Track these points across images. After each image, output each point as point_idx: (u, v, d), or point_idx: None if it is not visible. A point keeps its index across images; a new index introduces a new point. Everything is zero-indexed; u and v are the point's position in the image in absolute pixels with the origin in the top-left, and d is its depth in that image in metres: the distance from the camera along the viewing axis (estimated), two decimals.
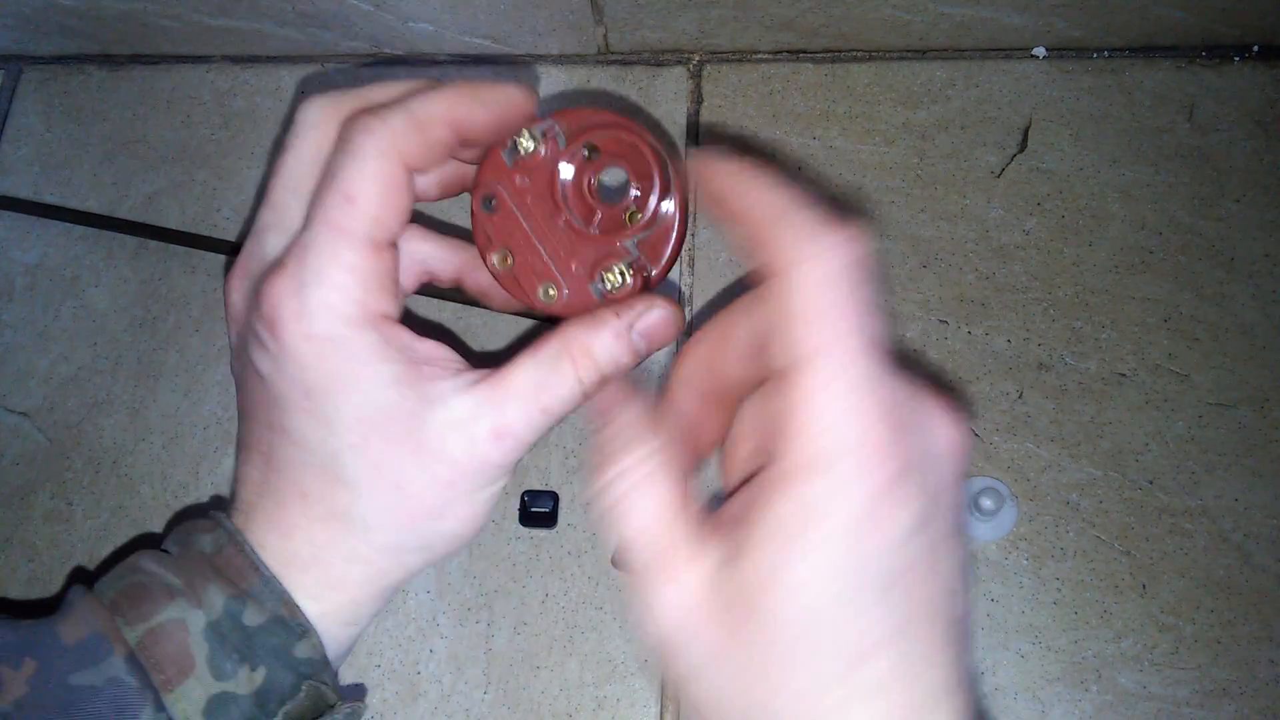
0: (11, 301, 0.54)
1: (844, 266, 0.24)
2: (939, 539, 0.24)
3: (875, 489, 0.23)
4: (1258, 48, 0.53)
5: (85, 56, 0.60)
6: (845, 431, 0.23)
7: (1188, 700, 0.43)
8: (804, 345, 0.24)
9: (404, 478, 0.30)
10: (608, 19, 0.54)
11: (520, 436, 0.30)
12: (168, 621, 0.29)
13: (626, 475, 0.27)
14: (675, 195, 0.31)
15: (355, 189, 0.29)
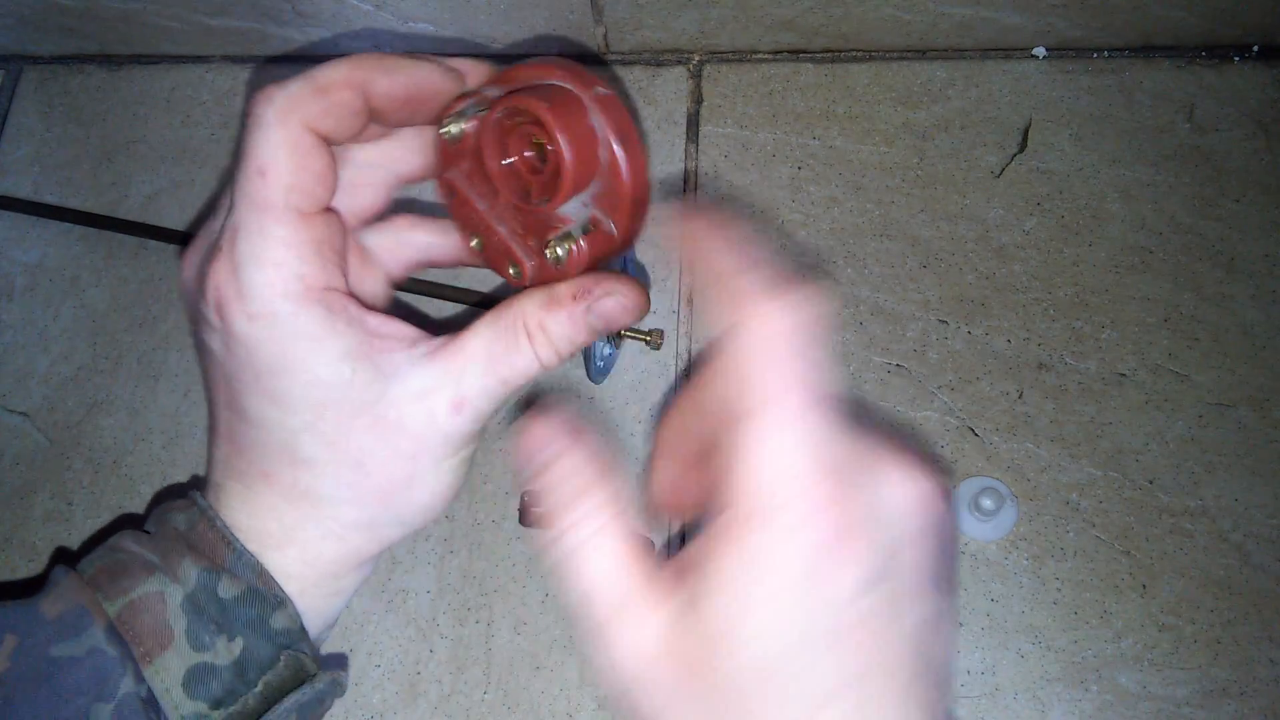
0: (11, 301, 0.54)
1: (792, 326, 0.25)
2: (898, 594, 0.24)
3: (818, 544, 0.23)
4: (1258, 48, 0.53)
5: (85, 56, 0.60)
6: (785, 485, 0.23)
7: (1188, 700, 0.43)
8: (749, 399, 0.24)
9: (364, 454, 0.30)
10: (608, 19, 0.54)
11: (479, 407, 0.30)
12: (146, 595, 0.29)
13: (581, 526, 0.27)
14: (611, 139, 0.28)
15: (264, 160, 0.29)
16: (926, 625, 0.24)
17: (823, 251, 0.51)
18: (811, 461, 0.23)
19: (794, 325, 0.25)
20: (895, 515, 0.24)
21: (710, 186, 0.53)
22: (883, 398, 0.48)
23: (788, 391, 0.24)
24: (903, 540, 0.24)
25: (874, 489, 0.24)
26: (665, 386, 0.49)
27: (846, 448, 0.24)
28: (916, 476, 0.25)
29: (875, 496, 0.24)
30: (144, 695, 0.28)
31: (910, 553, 0.24)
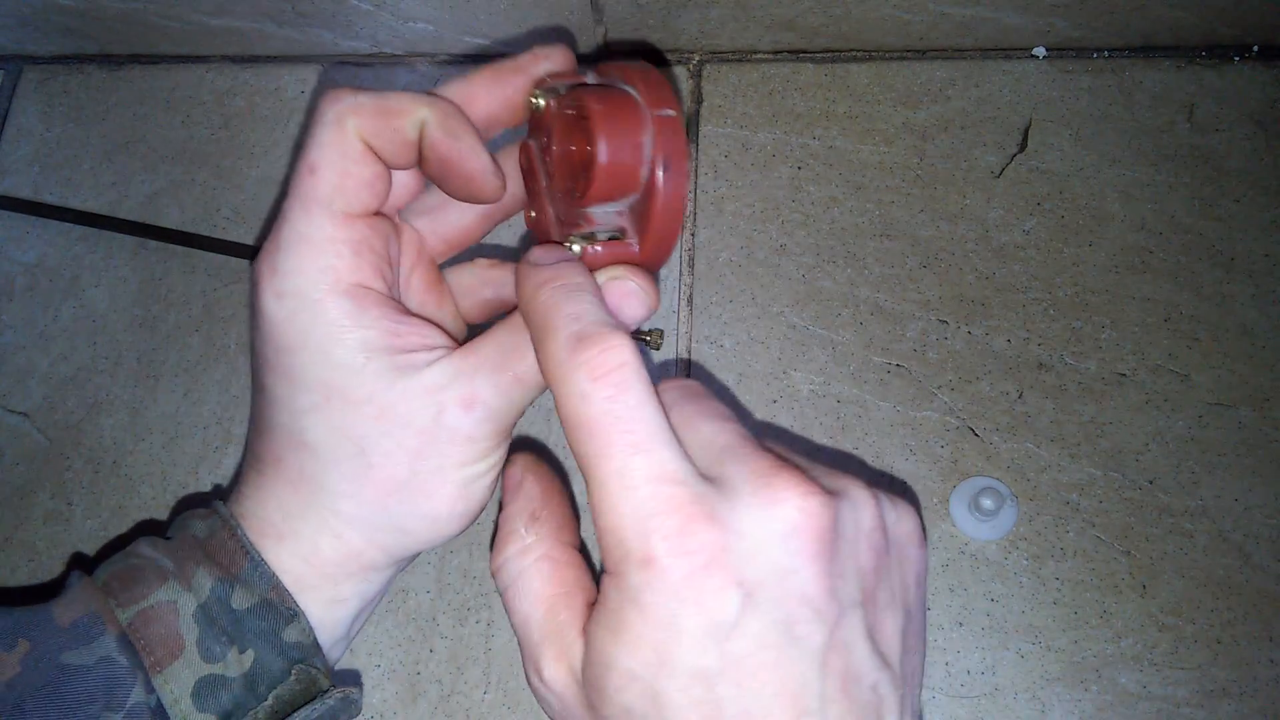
0: (11, 301, 0.54)
1: (618, 373, 0.25)
2: (790, 620, 0.23)
3: (670, 589, 0.23)
4: (1258, 48, 0.53)
5: (85, 56, 0.60)
6: (629, 537, 0.24)
7: (1188, 700, 0.43)
8: (581, 460, 0.25)
9: (367, 443, 0.29)
10: (608, 19, 0.54)
11: (492, 405, 0.29)
12: (159, 603, 0.29)
13: (515, 561, 0.28)
14: (656, 160, 0.28)
15: (316, 159, 0.29)
16: (839, 643, 0.24)
17: (823, 251, 0.51)
18: (649, 505, 0.24)
19: (620, 373, 0.25)
20: (768, 541, 0.24)
21: (710, 186, 0.53)
22: (883, 398, 0.48)
23: (619, 443, 0.24)
24: (778, 570, 0.24)
25: (738, 519, 0.24)
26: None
27: (691, 483, 0.24)
28: (792, 496, 0.24)
29: (740, 526, 0.24)
30: (153, 705, 0.28)
31: (802, 574, 0.24)
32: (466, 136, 0.30)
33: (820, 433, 0.48)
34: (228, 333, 0.52)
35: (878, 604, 0.26)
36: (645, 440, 0.24)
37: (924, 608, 0.28)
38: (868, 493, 0.26)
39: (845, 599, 0.24)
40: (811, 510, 0.24)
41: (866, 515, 0.26)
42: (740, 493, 0.24)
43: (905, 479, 0.47)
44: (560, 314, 0.26)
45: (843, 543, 0.25)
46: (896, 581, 0.26)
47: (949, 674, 0.44)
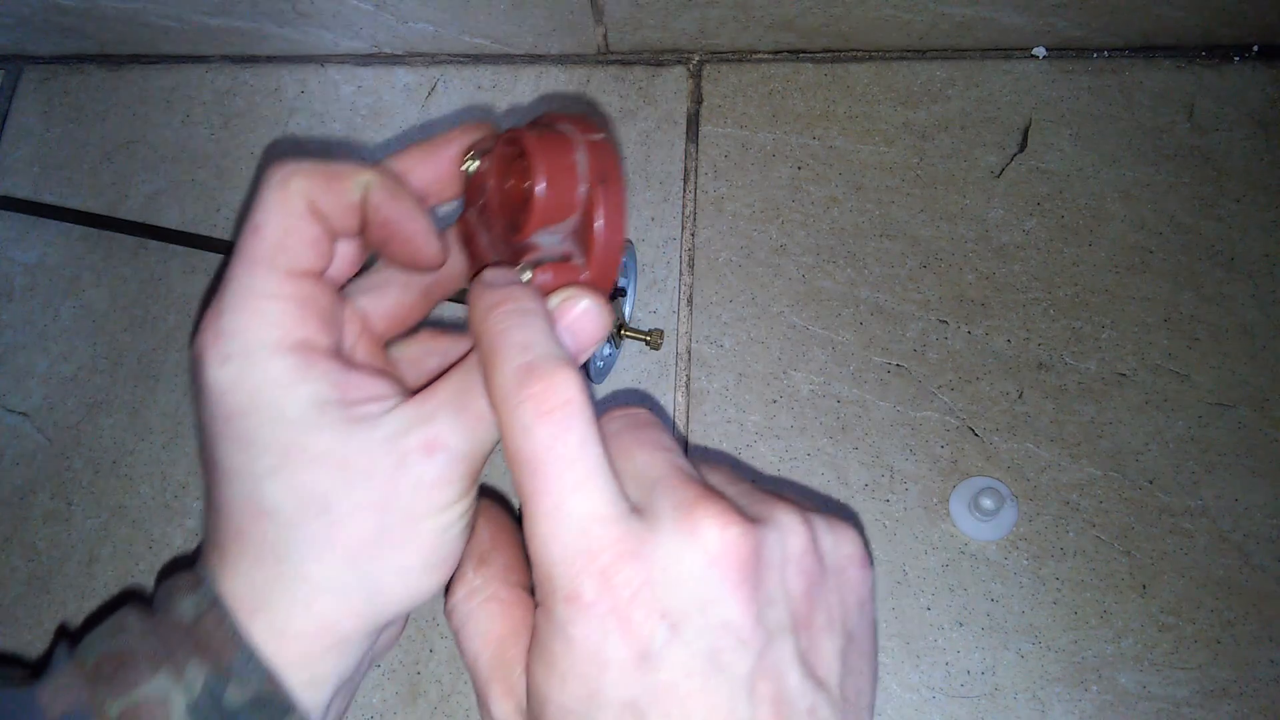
0: (11, 301, 0.54)
1: (556, 409, 0.25)
2: (716, 650, 0.24)
3: (595, 623, 0.24)
4: (1258, 48, 0.53)
5: (85, 56, 0.60)
6: (557, 572, 0.24)
7: (1188, 700, 0.43)
8: (519, 490, 0.25)
9: (329, 500, 0.28)
10: (608, 19, 0.54)
11: (455, 448, 0.28)
12: (148, 699, 0.28)
13: (464, 603, 0.29)
14: (590, 177, 0.29)
15: (260, 219, 0.29)
16: (768, 669, 0.24)
17: (823, 251, 0.51)
18: (578, 544, 0.24)
19: (564, 409, 0.25)
20: (691, 571, 0.24)
21: (710, 186, 0.53)
22: (883, 398, 0.48)
23: (557, 481, 0.25)
24: (708, 595, 0.24)
25: (662, 552, 0.24)
26: (665, 386, 0.49)
27: (620, 522, 0.25)
28: (712, 526, 0.24)
29: (664, 559, 0.24)
30: None
31: (725, 603, 0.24)
32: (407, 200, 0.31)
33: (820, 433, 0.48)
34: None
35: (813, 627, 0.26)
36: (583, 479, 0.25)
37: (871, 628, 0.28)
38: (797, 518, 0.26)
39: (773, 625, 0.25)
40: (731, 539, 0.24)
41: (795, 540, 0.26)
42: (664, 524, 0.25)
43: (905, 479, 0.47)
44: (509, 342, 0.26)
45: (767, 569, 0.25)
46: (835, 604, 0.27)
47: (949, 674, 0.44)
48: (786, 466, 0.47)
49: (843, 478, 0.47)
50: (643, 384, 0.49)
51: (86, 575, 0.48)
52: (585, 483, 0.25)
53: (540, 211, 0.29)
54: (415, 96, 0.57)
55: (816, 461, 0.47)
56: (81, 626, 0.48)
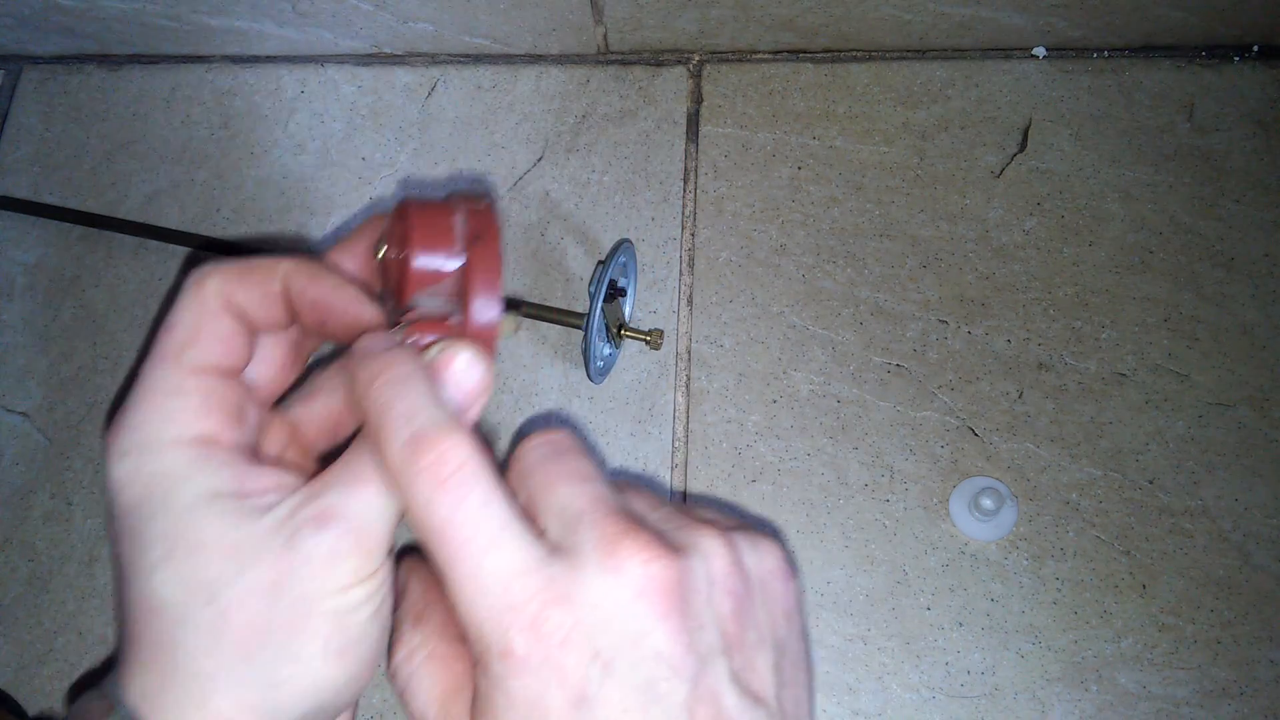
0: (11, 301, 0.54)
1: (441, 482, 0.25)
2: (650, 681, 0.24)
3: (531, 673, 0.24)
4: (1258, 48, 0.53)
5: (85, 56, 0.60)
6: (483, 632, 0.24)
7: (1188, 700, 0.43)
8: (434, 562, 0.25)
9: (216, 588, 0.26)
10: (608, 19, 0.54)
11: (352, 518, 0.27)
12: None
13: (405, 663, 0.28)
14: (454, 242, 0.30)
15: (174, 319, 0.29)
16: (705, 694, 0.24)
17: (823, 251, 0.51)
18: (501, 601, 0.24)
19: (459, 474, 0.25)
20: (618, 608, 0.24)
21: (710, 186, 0.53)
22: (883, 398, 0.48)
23: (468, 547, 0.25)
24: (637, 628, 0.24)
25: (587, 591, 0.24)
26: (665, 386, 0.49)
27: (538, 570, 0.25)
28: (634, 560, 0.25)
29: (590, 598, 0.24)
30: None
31: (654, 634, 0.24)
32: (329, 278, 0.30)
33: (820, 433, 0.48)
34: None
35: (745, 645, 0.26)
36: (493, 538, 0.25)
37: (803, 639, 0.28)
38: (718, 540, 0.27)
39: (704, 649, 0.25)
40: (654, 571, 0.25)
41: (718, 563, 0.26)
42: (587, 562, 0.25)
43: (905, 479, 0.47)
44: (393, 415, 0.26)
45: (694, 595, 0.25)
46: (763, 619, 0.27)
47: (949, 674, 0.44)
48: (786, 466, 0.47)
49: (843, 478, 0.47)
50: (643, 384, 0.49)
51: (86, 575, 0.48)
52: (496, 541, 0.25)
53: (415, 274, 0.29)
54: (415, 96, 0.57)
55: (816, 461, 0.47)
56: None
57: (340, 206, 0.55)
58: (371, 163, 0.56)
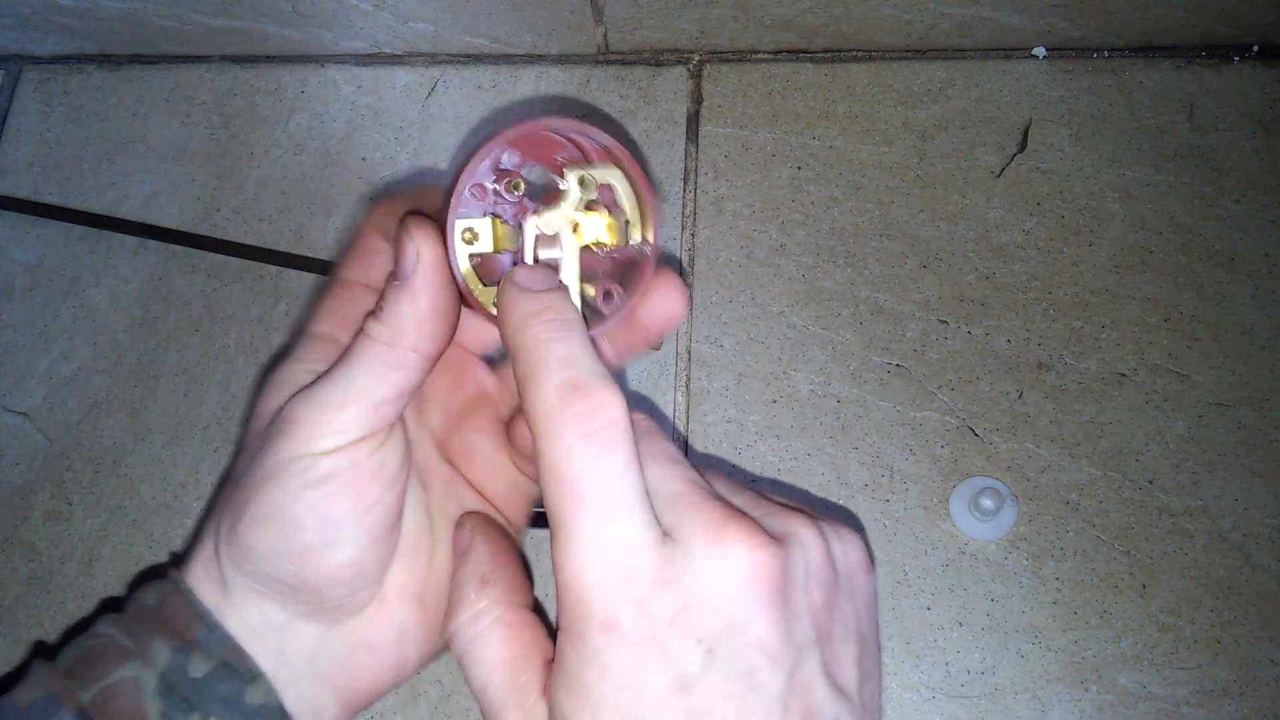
0: (11, 301, 0.54)
1: (589, 435, 0.25)
2: (751, 668, 0.24)
3: (628, 652, 0.24)
4: (1258, 48, 0.53)
5: (85, 56, 0.60)
6: (592, 602, 0.24)
7: (1188, 700, 0.43)
8: (557, 515, 0.25)
9: (243, 467, 0.29)
10: (608, 19, 0.54)
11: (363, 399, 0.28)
12: (121, 680, 0.29)
13: (468, 626, 0.28)
14: None
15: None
16: (799, 685, 0.24)
17: (823, 251, 0.51)
18: (616, 571, 0.24)
19: (610, 432, 0.25)
20: (724, 595, 0.24)
21: (710, 186, 0.53)
22: (883, 398, 0.48)
23: (597, 506, 0.24)
24: (741, 617, 0.24)
25: (695, 577, 0.24)
26: (665, 386, 0.49)
27: (656, 548, 0.24)
28: (742, 549, 0.24)
29: (697, 583, 0.24)
30: None
31: (757, 624, 0.24)
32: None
33: (820, 432, 0.48)
34: (228, 333, 0.52)
35: (833, 638, 0.26)
36: (625, 506, 0.25)
37: (877, 631, 0.29)
38: (814, 531, 0.27)
39: (801, 640, 0.25)
40: (761, 561, 0.25)
41: (815, 554, 0.26)
42: (694, 548, 0.25)
43: (905, 479, 0.47)
44: (552, 355, 0.26)
45: (794, 587, 0.25)
46: (849, 612, 0.27)
47: (949, 674, 0.44)
48: (786, 466, 0.47)
49: (843, 478, 0.47)
50: (643, 384, 0.49)
51: (86, 575, 0.48)
52: (626, 511, 0.25)
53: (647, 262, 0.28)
54: (415, 96, 0.57)
55: (816, 461, 0.47)
56: (61, 638, 0.48)
57: (340, 206, 0.55)
58: (371, 163, 0.56)
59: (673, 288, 0.29)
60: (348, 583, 0.30)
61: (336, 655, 0.31)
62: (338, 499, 0.28)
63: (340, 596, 0.30)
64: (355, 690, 0.32)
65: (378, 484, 0.29)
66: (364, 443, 0.29)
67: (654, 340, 0.30)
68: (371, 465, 0.29)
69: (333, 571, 0.29)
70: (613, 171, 0.28)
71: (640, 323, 0.29)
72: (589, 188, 0.28)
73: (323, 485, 0.28)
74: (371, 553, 0.30)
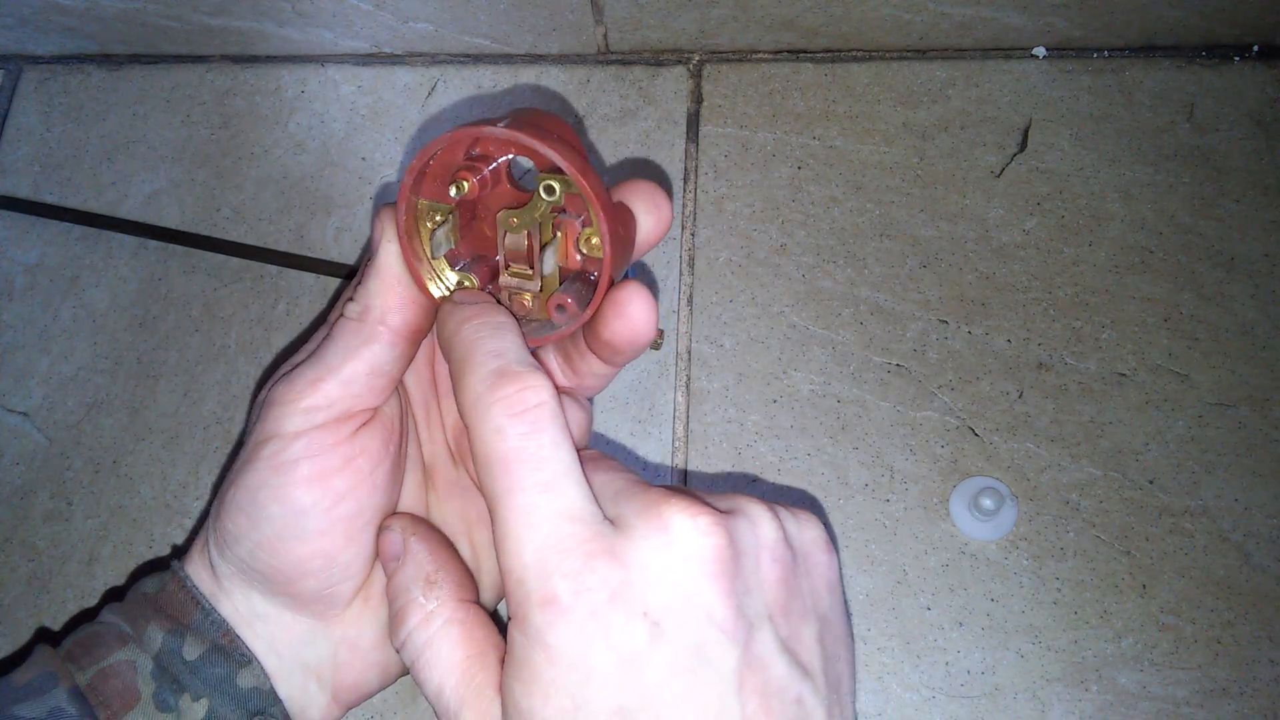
0: (11, 301, 0.54)
1: (517, 415, 0.25)
2: (703, 643, 0.23)
3: (575, 628, 0.23)
4: (1258, 48, 0.53)
5: (85, 56, 0.60)
6: (526, 576, 0.24)
7: (1188, 700, 0.43)
8: (488, 496, 0.25)
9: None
10: (608, 19, 0.54)
11: (337, 379, 0.29)
12: (117, 662, 0.29)
13: (419, 631, 0.28)
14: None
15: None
16: (754, 660, 0.24)
17: (823, 251, 0.51)
18: (551, 543, 0.24)
19: (537, 412, 0.25)
20: (668, 568, 0.24)
21: (710, 186, 0.53)
22: (883, 398, 0.48)
23: (528, 480, 0.24)
24: (688, 589, 0.23)
25: (637, 552, 0.24)
26: (665, 386, 0.49)
27: (593, 522, 0.24)
28: (683, 520, 0.24)
29: (640, 559, 0.24)
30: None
31: (705, 595, 0.23)
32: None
33: (820, 433, 0.48)
34: (228, 333, 0.52)
35: (790, 615, 0.25)
36: (554, 479, 0.24)
37: (844, 613, 0.28)
38: (763, 507, 0.26)
39: (753, 614, 0.24)
40: (704, 530, 0.24)
41: (765, 529, 0.26)
42: (635, 527, 0.24)
43: (905, 479, 0.47)
44: (481, 350, 0.26)
45: (743, 559, 0.25)
46: (807, 590, 0.26)
47: (949, 674, 0.44)
48: (786, 466, 0.47)
49: (843, 478, 0.47)
50: (643, 384, 0.49)
51: (86, 575, 0.48)
52: (557, 482, 0.24)
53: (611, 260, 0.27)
54: (415, 96, 0.57)
55: (816, 461, 0.47)
56: (64, 628, 0.48)
57: (340, 206, 0.55)
58: (371, 163, 0.56)
59: (634, 304, 0.27)
60: (317, 574, 0.29)
61: (321, 650, 0.31)
62: (304, 487, 0.28)
63: (314, 589, 0.30)
64: (341, 687, 0.32)
65: (348, 475, 0.29)
66: (334, 426, 0.29)
67: (623, 357, 0.29)
68: (341, 455, 0.29)
69: (301, 562, 0.29)
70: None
71: (602, 339, 0.28)
72: (555, 196, 0.27)
73: (290, 471, 0.28)
74: (344, 547, 0.29)
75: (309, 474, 0.28)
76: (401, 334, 0.29)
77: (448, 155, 0.28)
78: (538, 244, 0.28)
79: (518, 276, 0.29)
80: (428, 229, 0.29)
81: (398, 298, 0.29)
